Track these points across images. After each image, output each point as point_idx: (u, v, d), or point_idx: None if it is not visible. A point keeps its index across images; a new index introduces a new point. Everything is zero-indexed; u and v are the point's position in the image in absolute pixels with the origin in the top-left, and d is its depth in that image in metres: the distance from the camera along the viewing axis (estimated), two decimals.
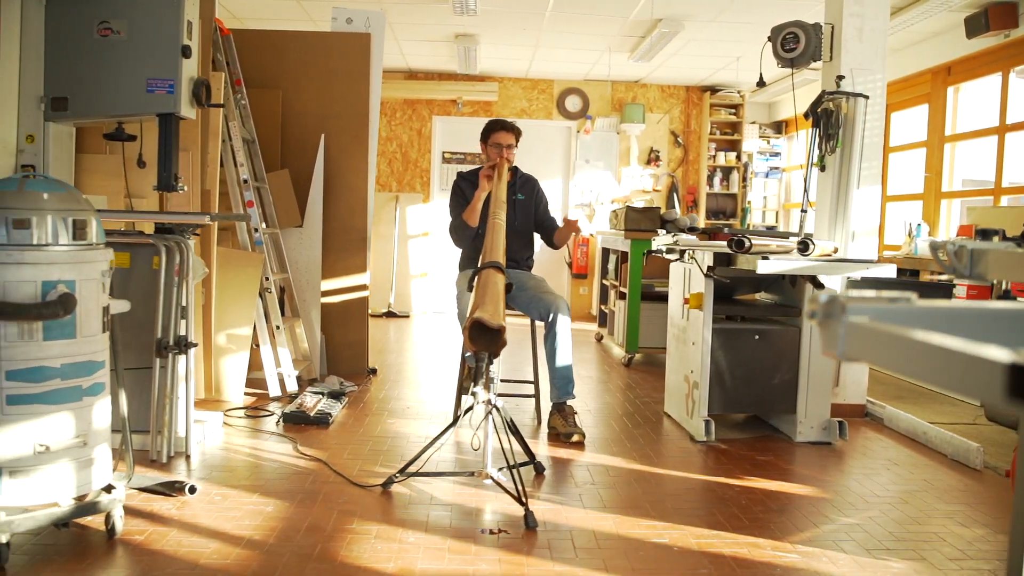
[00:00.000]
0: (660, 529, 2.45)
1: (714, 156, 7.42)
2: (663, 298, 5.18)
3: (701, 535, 2.41)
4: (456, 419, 2.70)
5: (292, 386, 3.90)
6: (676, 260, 3.74)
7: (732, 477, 2.97)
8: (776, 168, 7.50)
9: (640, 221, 4.86)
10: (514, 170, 3.77)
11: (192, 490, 2.53)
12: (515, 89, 7.49)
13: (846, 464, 3.23)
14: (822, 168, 3.90)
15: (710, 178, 7.42)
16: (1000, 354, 0.51)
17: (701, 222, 7.02)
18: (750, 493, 2.81)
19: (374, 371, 4.56)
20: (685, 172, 7.61)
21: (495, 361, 2.37)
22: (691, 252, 3.54)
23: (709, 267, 3.32)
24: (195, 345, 2.96)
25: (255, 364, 3.94)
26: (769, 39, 3.92)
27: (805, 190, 3.93)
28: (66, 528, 2.19)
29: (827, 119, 3.80)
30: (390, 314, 7.33)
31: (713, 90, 7.36)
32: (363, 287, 4.42)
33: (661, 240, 3.86)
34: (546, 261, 7.62)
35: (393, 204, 7.50)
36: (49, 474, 2.08)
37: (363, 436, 3.35)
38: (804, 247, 3.00)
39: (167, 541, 2.22)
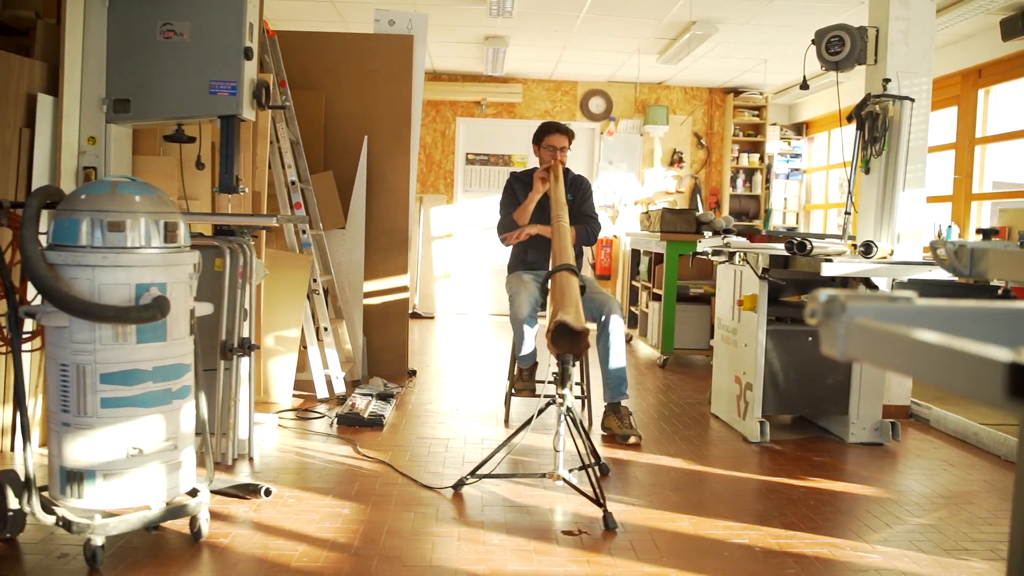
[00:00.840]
0: (738, 530, 2.46)
1: (737, 158, 7.45)
2: (696, 299, 5.21)
3: (779, 535, 2.42)
4: (530, 420, 2.70)
5: (340, 388, 3.90)
6: (724, 262, 3.76)
7: (794, 478, 2.98)
8: (797, 170, 7.53)
9: (676, 223, 4.88)
10: (565, 171, 3.78)
11: (267, 493, 2.53)
12: (539, 90, 7.50)
13: (902, 465, 3.25)
14: (866, 171, 3.91)
15: (733, 179, 7.45)
16: (1000, 353, 0.51)
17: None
18: (816, 494, 2.82)
19: (413, 373, 4.56)
20: (708, 174, 7.63)
21: (575, 362, 2.37)
22: (742, 254, 3.55)
23: (764, 269, 3.34)
24: (257, 347, 2.96)
25: (300, 365, 3.93)
26: (813, 42, 3.93)
27: (849, 192, 3.95)
28: (156, 531, 2.19)
29: (872, 122, 3.82)
30: (415, 315, 7.33)
31: (736, 92, 7.38)
32: (403, 288, 4.42)
33: (708, 242, 3.87)
34: None
35: (417, 206, 7.50)
36: (141, 477, 2.08)
37: (418, 438, 3.35)
38: (867, 250, 3.02)
39: (253, 544, 2.22)
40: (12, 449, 2.95)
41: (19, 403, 2.06)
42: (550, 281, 2.58)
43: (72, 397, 2.02)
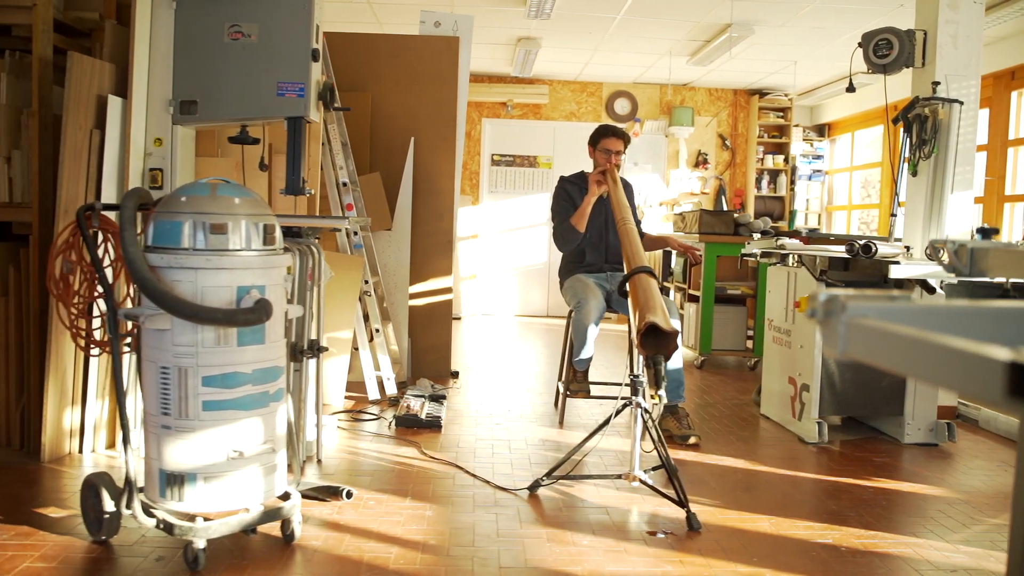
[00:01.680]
0: (819, 530, 2.47)
1: (761, 159, 7.48)
2: (732, 300, 5.23)
3: (861, 535, 2.44)
4: (607, 421, 2.71)
5: (391, 389, 3.90)
6: (775, 264, 3.77)
7: (858, 478, 3.00)
8: (819, 171, 7.57)
9: (715, 225, 4.89)
10: None
11: (349, 495, 2.53)
12: (564, 92, 7.51)
13: (962, 465, 3.27)
14: (914, 173, 3.94)
15: (757, 181, 7.48)
16: (1000, 353, 0.51)
17: None
18: (885, 494, 2.83)
19: (456, 374, 4.56)
20: (732, 175, 7.66)
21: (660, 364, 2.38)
22: (796, 256, 3.57)
23: (822, 271, 3.35)
24: (326, 349, 2.96)
25: (348, 367, 3.93)
26: (860, 45, 3.95)
27: (895, 193, 3.98)
28: (252, 534, 2.19)
29: (920, 125, 3.84)
30: None
31: (761, 93, 7.41)
32: (447, 290, 4.42)
33: (758, 244, 3.89)
34: None
35: None
36: (240, 480, 2.08)
37: (478, 439, 3.35)
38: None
39: (346, 546, 2.22)
40: (80, 451, 2.94)
41: (120, 407, 2.05)
42: (628, 284, 2.59)
43: (173, 400, 2.02)
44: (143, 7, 2.91)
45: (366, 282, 3.81)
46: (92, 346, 2.26)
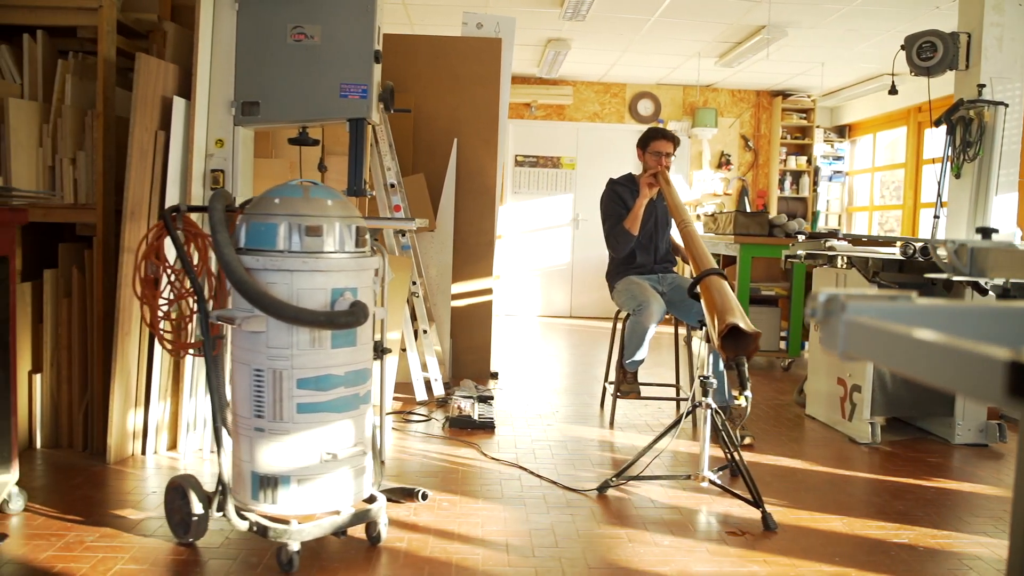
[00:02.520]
0: (891, 530, 2.49)
1: (784, 160, 7.51)
2: (766, 301, 5.25)
3: (935, 535, 2.46)
4: (677, 422, 2.72)
5: (438, 390, 3.90)
6: (822, 265, 3.79)
7: (917, 478, 3.02)
8: (839, 172, 7.60)
9: (749, 226, 4.91)
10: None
11: (424, 496, 2.53)
12: (588, 93, 7.53)
13: (1016, 465, 3.29)
14: (957, 175, 3.96)
15: (780, 182, 7.51)
16: (1000, 352, 0.51)
17: None
18: (947, 494, 2.85)
19: (495, 375, 4.57)
20: (755, 176, 7.69)
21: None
22: (845, 258, 3.58)
23: (874, 272, 3.37)
24: (390, 351, 2.96)
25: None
26: (903, 48, 3.98)
27: (939, 195, 4.00)
28: (343, 536, 2.19)
29: (965, 127, 3.86)
30: None
31: (784, 95, 7.44)
32: (488, 291, 4.43)
33: (803, 245, 3.91)
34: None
35: None
36: (332, 482, 2.08)
37: (533, 440, 3.36)
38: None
39: (432, 548, 2.22)
40: (143, 452, 2.94)
41: (216, 409, 2.05)
42: (698, 286, 2.60)
43: (267, 402, 2.02)
44: (206, 8, 2.91)
45: (413, 283, 3.82)
46: (179, 349, 2.25)
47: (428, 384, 3.89)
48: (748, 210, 7.29)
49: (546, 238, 7.73)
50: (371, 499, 2.22)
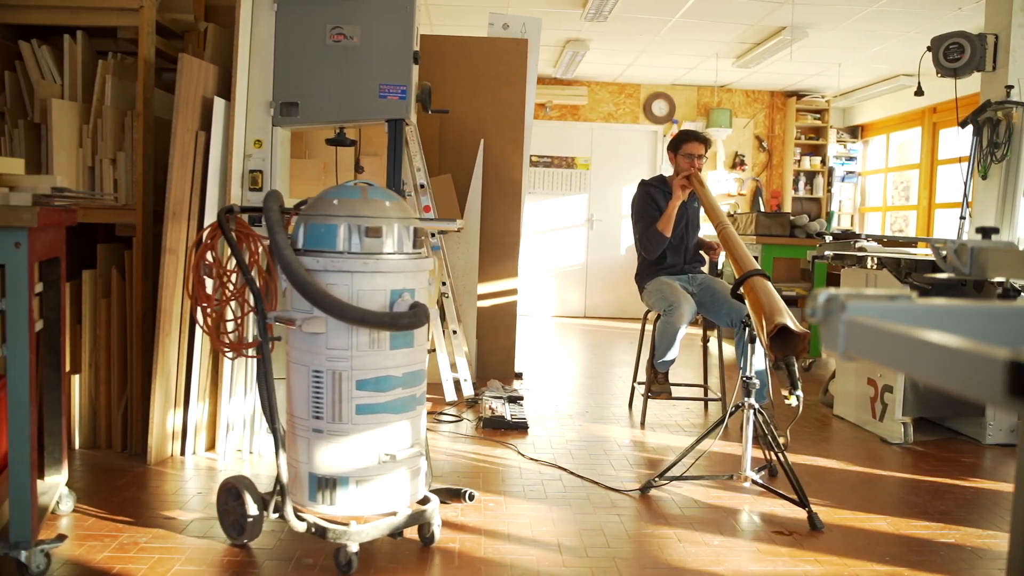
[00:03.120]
0: (936, 529, 2.50)
1: (798, 160, 7.53)
2: (787, 302, 5.25)
3: (981, 535, 2.47)
4: (721, 421, 2.73)
5: (468, 391, 3.91)
6: (850, 266, 3.80)
7: (953, 478, 3.03)
8: (852, 172, 7.63)
9: (771, 227, 4.93)
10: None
11: (471, 497, 2.53)
12: (602, 93, 7.54)
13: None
14: (984, 176, 3.98)
15: (794, 182, 7.53)
16: (1000, 352, 0.50)
17: None
18: (985, 494, 2.87)
19: (519, 375, 4.58)
20: (769, 176, 7.70)
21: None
22: (875, 259, 3.60)
23: (907, 273, 3.38)
24: (433, 350, 2.96)
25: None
26: (929, 49, 4.00)
27: (964, 195, 4.02)
28: (399, 537, 2.19)
29: (992, 128, 3.88)
30: None
31: (799, 95, 7.46)
32: (513, 291, 4.43)
33: (831, 246, 3.92)
34: (633, 264, 7.66)
35: None
36: (390, 483, 2.08)
37: (568, 440, 3.36)
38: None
39: (486, 549, 2.23)
40: (182, 453, 2.94)
41: (271, 411, 2.05)
42: (742, 288, 2.61)
43: (326, 404, 2.02)
44: (245, 9, 2.91)
45: (443, 283, 3.82)
46: (233, 350, 2.25)
47: (457, 384, 3.89)
48: (761, 210, 7.32)
49: (560, 238, 7.73)
50: (424, 500, 2.23)
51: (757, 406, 2.66)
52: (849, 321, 0.67)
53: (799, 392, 2.28)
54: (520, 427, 3.44)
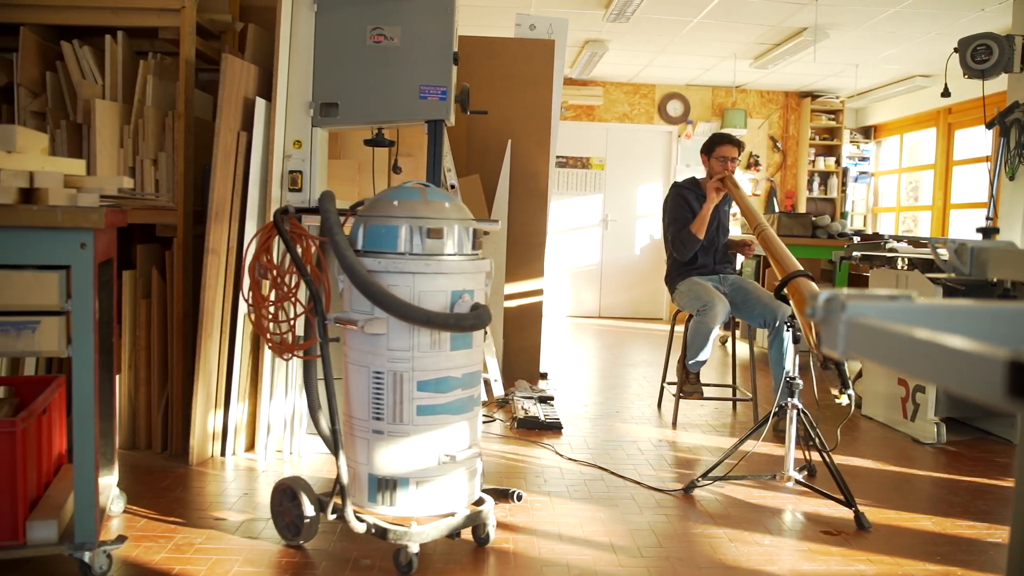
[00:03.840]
0: (982, 529, 2.51)
1: (813, 161, 7.56)
2: None
3: None
4: (765, 422, 2.74)
5: (498, 391, 3.91)
6: (879, 267, 3.81)
7: (990, 478, 3.04)
8: (864, 172, 7.65)
9: (793, 227, 4.95)
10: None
11: (519, 497, 2.54)
12: (617, 94, 7.55)
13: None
14: (1011, 177, 4.00)
15: (809, 183, 7.55)
16: (1000, 352, 0.51)
17: None
18: None
19: (545, 375, 4.58)
20: (783, 177, 7.72)
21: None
22: (906, 259, 3.61)
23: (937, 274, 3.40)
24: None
25: None
26: (956, 50, 4.01)
27: (991, 196, 4.03)
28: (456, 538, 2.19)
29: (1020, 129, 3.90)
30: None
31: (813, 96, 7.48)
32: (539, 291, 4.43)
33: (860, 247, 3.93)
34: (648, 264, 7.70)
35: None
36: (448, 484, 2.09)
37: (604, 440, 3.37)
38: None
39: (540, 549, 2.23)
40: (223, 454, 2.94)
41: (331, 412, 2.05)
42: (786, 288, 2.62)
43: (387, 405, 2.03)
44: (285, 9, 2.91)
45: None
46: (290, 352, 2.25)
47: (488, 385, 3.90)
48: (776, 210, 7.33)
49: (575, 238, 7.74)
50: (479, 501, 2.23)
51: (801, 406, 2.67)
52: (849, 321, 0.67)
53: (851, 391, 2.30)
54: (554, 427, 3.45)
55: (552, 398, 3.88)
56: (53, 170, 1.86)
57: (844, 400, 2.41)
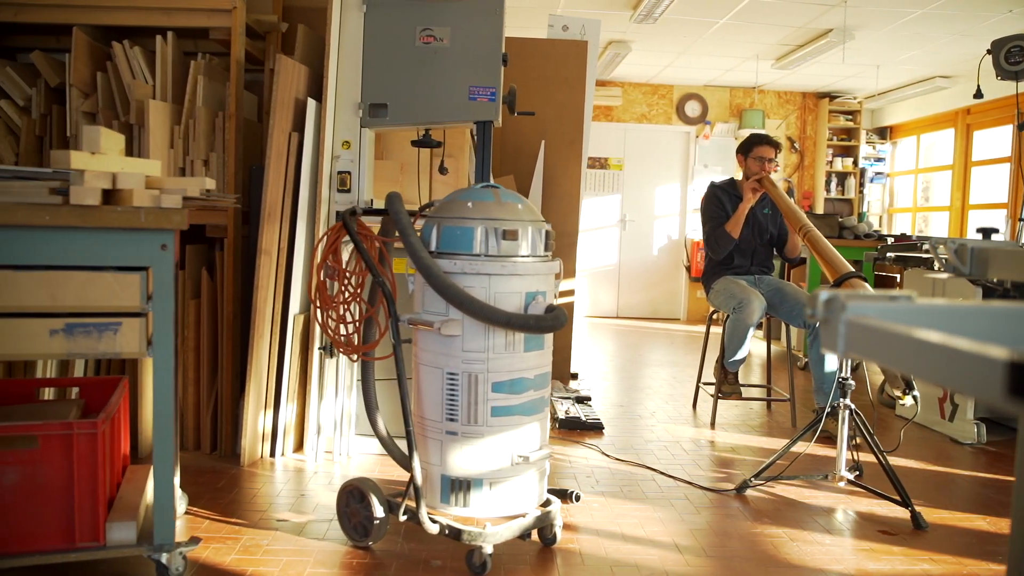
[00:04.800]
0: None
1: (830, 161, 7.58)
2: None
3: None
4: (818, 420, 2.76)
5: None
6: (914, 267, 3.83)
7: None
8: (880, 173, 7.68)
9: (820, 228, 4.93)
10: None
11: (577, 498, 2.53)
12: (636, 94, 7.56)
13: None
14: None
15: (826, 183, 7.58)
16: (1000, 352, 0.51)
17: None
18: None
19: (575, 375, 4.59)
20: (800, 177, 7.75)
21: None
22: (943, 259, 3.62)
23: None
24: None
25: None
26: (989, 52, 4.03)
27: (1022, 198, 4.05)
28: (527, 539, 2.20)
29: None
30: None
31: (831, 97, 7.51)
32: (570, 292, 4.44)
33: (894, 247, 3.95)
34: (666, 264, 7.71)
35: None
36: (521, 484, 2.09)
37: (646, 440, 3.38)
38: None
39: (607, 549, 2.24)
40: (272, 455, 2.94)
41: (405, 414, 2.06)
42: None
43: (461, 406, 2.03)
44: (335, 11, 2.91)
45: None
46: (355, 353, 2.25)
47: None
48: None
49: (593, 239, 7.75)
50: (546, 502, 2.24)
51: (853, 407, 2.69)
52: (850, 321, 0.67)
53: (915, 392, 2.31)
54: (596, 427, 3.46)
55: (589, 398, 3.89)
56: (132, 171, 1.86)
57: (908, 401, 2.43)
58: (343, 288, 2.23)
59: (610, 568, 2.12)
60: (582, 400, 3.83)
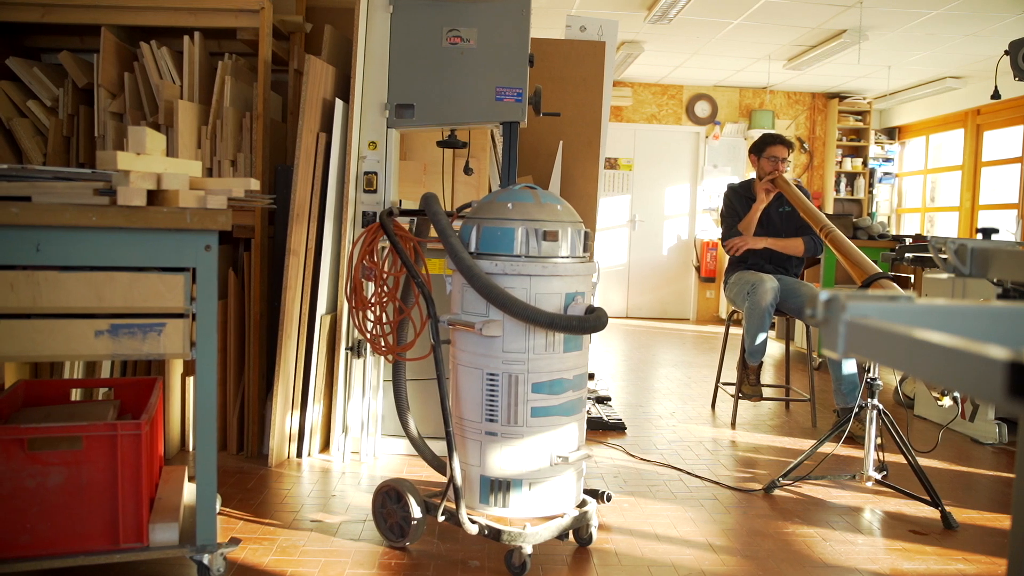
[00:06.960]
0: None
1: (840, 162, 7.60)
2: None
3: None
4: (847, 420, 2.76)
5: None
6: (932, 267, 3.84)
7: None
8: (888, 173, 7.70)
9: None
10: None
11: (608, 498, 2.54)
12: (646, 94, 7.57)
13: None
14: None
15: (836, 183, 7.59)
16: (1000, 352, 0.51)
17: None
18: None
19: (591, 375, 4.60)
20: (810, 177, 7.76)
21: None
22: None
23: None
24: None
25: None
26: (1006, 52, 4.04)
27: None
28: (565, 539, 2.20)
29: None
30: None
31: (841, 97, 7.52)
32: None
33: (912, 248, 3.95)
34: (675, 265, 7.72)
35: None
36: (559, 485, 2.10)
37: (669, 440, 3.38)
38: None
39: (642, 549, 2.25)
40: (299, 455, 2.94)
41: (444, 414, 2.06)
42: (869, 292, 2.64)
43: (501, 407, 2.04)
44: (362, 11, 2.91)
45: None
46: (392, 353, 2.25)
47: None
48: None
49: (603, 239, 7.76)
50: (582, 502, 2.24)
51: (881, 407, 2.69)
52: (850, 321, 0.67)
53: (956, 393, 2.31)
54: (618, 428, 3.46)
55: (609, 398, 3.90)
56: (175, 171, 1.86)
57: (947, 402, 2.43)
58: (379, 289, 2.24)
59: (647, 568, 2.12)
60: (602, 400, 3.84)
